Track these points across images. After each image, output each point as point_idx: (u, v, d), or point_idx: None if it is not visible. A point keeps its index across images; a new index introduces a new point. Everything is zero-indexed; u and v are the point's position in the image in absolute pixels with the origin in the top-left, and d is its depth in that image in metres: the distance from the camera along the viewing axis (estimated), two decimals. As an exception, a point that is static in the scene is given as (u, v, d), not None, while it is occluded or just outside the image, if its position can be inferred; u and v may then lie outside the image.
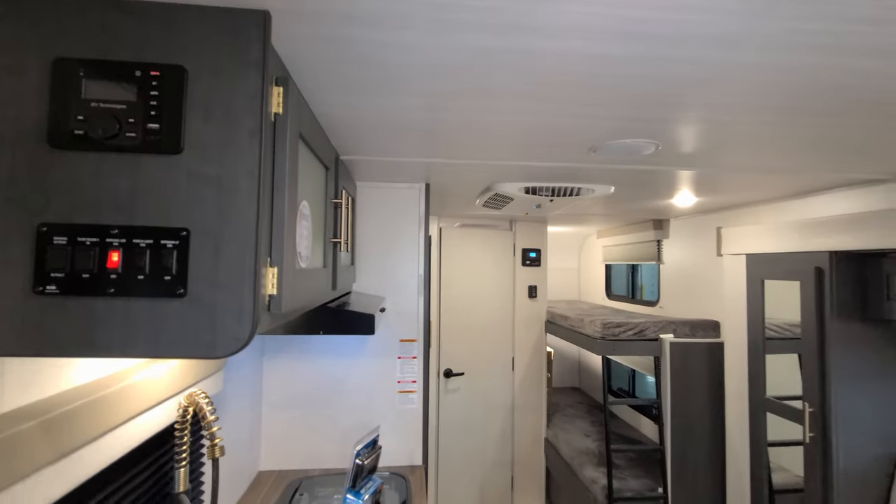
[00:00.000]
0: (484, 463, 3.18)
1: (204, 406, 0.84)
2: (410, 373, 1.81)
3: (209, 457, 0.83)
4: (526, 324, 3.33)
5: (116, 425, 0.77)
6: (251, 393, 1.64)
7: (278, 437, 1.73)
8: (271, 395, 1.74)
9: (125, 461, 0.84)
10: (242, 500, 1.50)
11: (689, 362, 2.44)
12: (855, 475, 1.80)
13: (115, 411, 0.77)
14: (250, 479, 1.63)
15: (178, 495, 0.90)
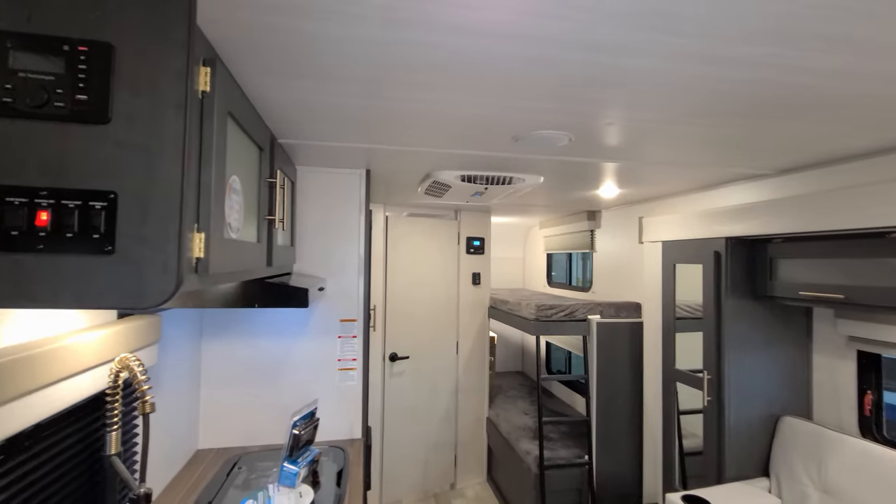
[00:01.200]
0: (428, 443, 3.31)
1: (135, 367, 0.89)
2: (351, 351, 1.89)
3: (140, 412, 0.87)
4: (470, 309, 3.48)
5: (45, 385, 0.81)
6: (189, 372, 1.66)
7: (217, 416, 1.76)
8: (210, 374, 1.76)
9: (57, 422, 0.88)
10: (179, 477, 1.52)
11: (614, 340, 2.67)
12: (743, 432, 2.07)
13: (45, 371, 0.80)
14: (188, 456, 1.65)
15: (110, 457, 0.93)
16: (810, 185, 1.80)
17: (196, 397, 1.72)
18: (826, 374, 2.07)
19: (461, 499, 3.25)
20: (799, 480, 1.93)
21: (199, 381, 1.75)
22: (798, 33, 0.77)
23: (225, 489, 1.45)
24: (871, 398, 1.93)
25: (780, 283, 1.94)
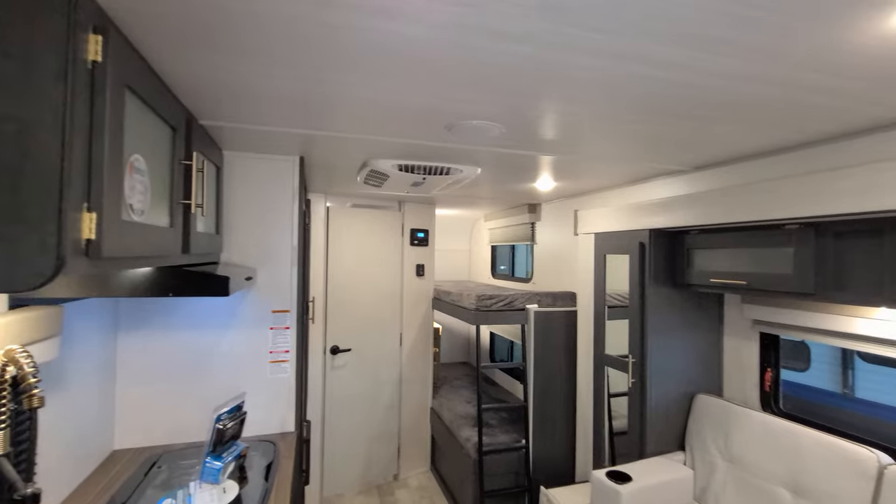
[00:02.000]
0: (371, 435, 3.30)
1: (22, 360, 0.81)
2: (283, 343, 1.84)
3: (26, 406, 0.80)
4: (414, 301, 3.49)
5: None
6: (101, 367, 1.55)
7: (136, 414, 1.65)
8: (128, 369, 1.65)
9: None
10: (90, 479, 1.42)
11: (550, 328, 2.78)
12: (662, 411, 2.23)
13: None
14: (101, 457, 1.54)
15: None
16: (721, 181, 1.95)
17: (110, 394, 1.60)
18: (734, 354, 2.27)
19: (404, 489, 3.27)
20: (709, 452, 2.11)
21: (115, 377, 1.63)
22: (691, 35, 0.83)
23: (142, 490, 1.37)
24: (770, 375, 2.14)
25: (696, 271, 2.10)
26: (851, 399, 4.14)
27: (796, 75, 1.00)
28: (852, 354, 4.39)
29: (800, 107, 1.22)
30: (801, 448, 1.76)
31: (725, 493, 1.98)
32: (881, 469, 1.54)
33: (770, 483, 1.83)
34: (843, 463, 1.62)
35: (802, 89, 1.09)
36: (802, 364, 4.12)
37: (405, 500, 3.12)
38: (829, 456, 1.67)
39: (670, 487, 2.01)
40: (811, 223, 1.61)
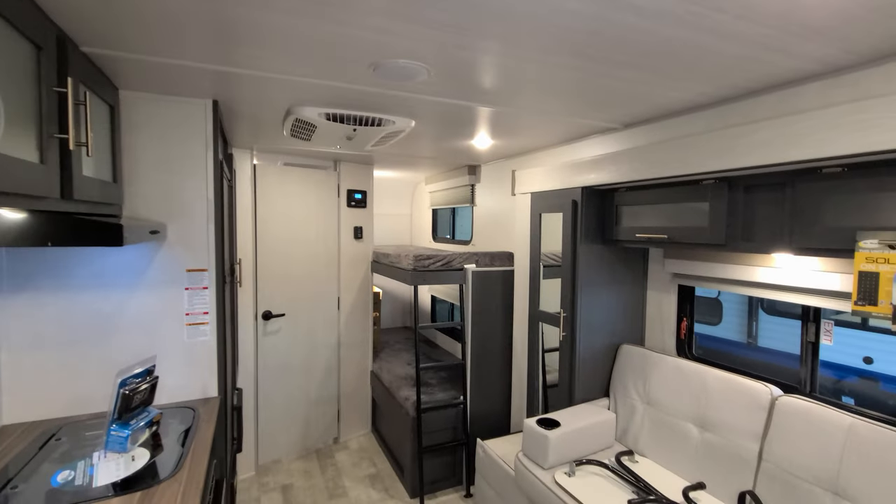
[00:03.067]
0: (309, 400, 3.24)
1: None
2: (201, 304, 1.71)
3: None
4: (352, 264, 3.39)
5: None
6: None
7: (28, 384, 1.48)
8: (14, 336, 1.46)
9: None
10: (-29, 457, 1.26)
11: (488, 288, 2.81)
12: (590, 361, 2.34)
13: None
14: (-16, 434, 1.38)
15: None
16: (647, 139, 2.01)
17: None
18: (656, 307, 2.42)
19: (344, 451, 3.27)
20: (629, 396, 2.26)
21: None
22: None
23: (35, 464, 1.24)
24: (685, 324, 2.30)
25: (623, 228, 2.18)
26: (754, 347, 4.62)
27: (700, 11, 1.00)
28: (757, 309, 4.87)
29: (710, 54, 1.24)
30: (707, 386, 1.92)
31: (643, 431, 2.14)
32: (773, 400, 1.71)
33: (681, 420, 1.99)
34: (742, 397, 1.79)
35: (709, 32, 1.10)
36: (716, 319, 4.51)
37: (345, 461, 3.13)
38: (730, 391, 1.83)
39: (595, 430, 2.15)
40: (725, 178, 1.70)
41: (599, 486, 1.83)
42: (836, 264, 1.59)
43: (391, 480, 2.90)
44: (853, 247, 1.33)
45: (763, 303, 4.73)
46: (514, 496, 2.19)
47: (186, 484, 1.15)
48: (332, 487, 2.81)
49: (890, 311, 1.24)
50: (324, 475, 2.95)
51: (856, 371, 3.71)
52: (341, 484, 2.85)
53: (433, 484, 2.75)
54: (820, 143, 1.32)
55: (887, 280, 1.25)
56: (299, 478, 2.91)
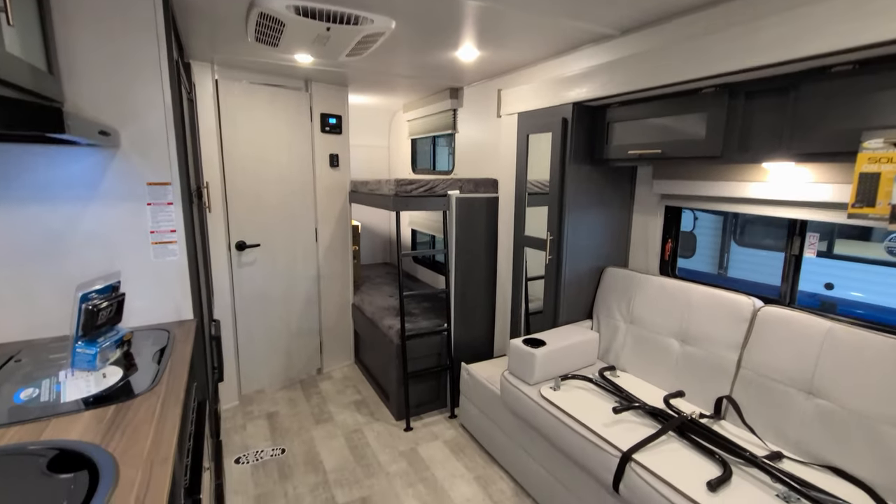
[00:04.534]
0: (290, 332, 3.19)
1: None
2: (167, 221, 1.57)
3: None
4: (329, 193, 3.24)
5: None
6: None
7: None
8: (-48, 254, 1.31)
9: None
10: (-79, 380, 1.15)
11: (472, 215, 2.73)
12: (574, 284, 2.34)
13: None
14: (-65, 357, 1.26)
15: None
16: (645, 45, 1.88)
17: (-68, 284, 1.28)
18: (641, 229, 2.40)
19: (328, 381, 3.30)
20: (613, 317, 2.29)
21: (-65, 264, 1.29)
22: None
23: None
24: (670, 246, 2.31)
25: (614, 146, 2.10)
26: (725, 278, 4.79)
27: None
28: (729, 241, 5.00)
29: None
30: (691, 302, 1.95)
31: (625, 349, 2.19)
32: (755, 311, 1.75)
33: (663, 336, 2.03)
34: (725, 310, 1.82)
35: None
36: (689, 252, 4.62)
37: (329, 390, 3.15)
38: (714, 305, 1.86)
39: (578, 348, 2.18)
40: (726, 84, 1.61)
41: (584, 398, 1.88)
42: (830, 174, 1.57)
43: (376, 405, 2.95)
44: (856, 149, 1.29)
45: (735, 234, 4.85)
46: (499, 412, 2.25)
47: (165, 396, 1.08)
48: (318, 413, 2.84)
49: (887, 212, 1.22)
50: (309, 402, 2.97)
51: (818, 297, 3.91)
52: (327, 410, 2.88)
53: (418, 407, 2.81)
54: (837, 35, 1.23)
55: (888, 180, 1.22)
56: (284, 406, 2.93)
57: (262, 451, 2.44)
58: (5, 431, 0.92)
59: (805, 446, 1.51)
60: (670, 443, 1.57)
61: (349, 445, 2.51)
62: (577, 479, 1.76)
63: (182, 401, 1.07)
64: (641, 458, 1.47)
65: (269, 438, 2.57)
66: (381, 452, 2.45)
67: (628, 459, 1.49)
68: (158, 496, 0.76)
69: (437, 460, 2.38)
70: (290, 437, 2.59)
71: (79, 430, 0.94)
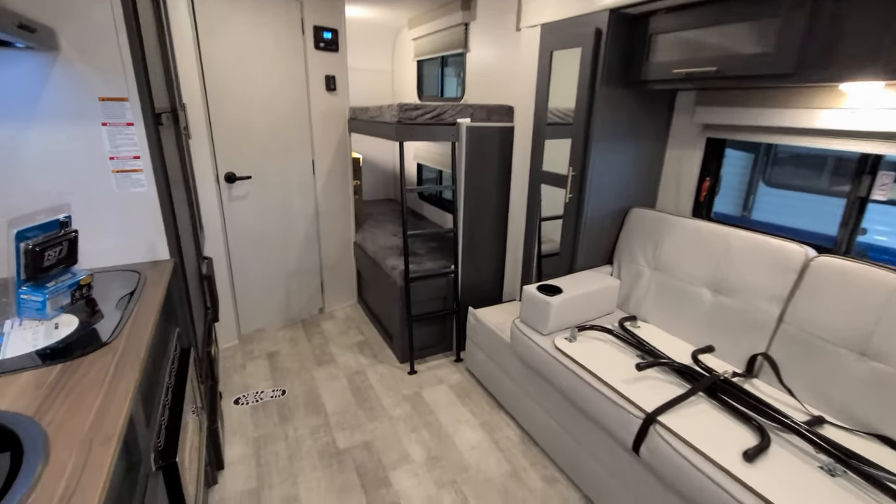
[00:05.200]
0: (289, 271, 3.05)
1: None
2: (129, 145, 1.33)
3: None
4: (325, 121, 2.93)
5: None
6: None
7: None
8: None
9: None
10: None
11: (484, 146, 2.45)
12: (596, 225, 2.12)
13: None
14: None
15: None
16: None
17: None
18: (674, 165, 2.13)
19: (331, 321, 3.20)
20: (636, 262, 2.09)
21: None
22: None
23: (-68, 334, 0.98)
24: (708, 184, 2.05)
25: (655, 64, 1.77)
26: (748, 220, 4.54)
27: None
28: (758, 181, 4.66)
29: None
30: (731, 248, 1.73)
31: (648, 297, 2.01)
32: (807, 261, 1.53)
33: (693, 285, 1.84)
34: (771, 258, 1.60)
35: None
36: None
37: (332, 330, 3.06)
38: (758, 252, 1.65)
39: (597, 296, 2.01)
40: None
41: (602, 351, 1.73)
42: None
43: (380, 347, 2.86)
44: None
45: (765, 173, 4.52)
46: (508, 360, 2.13)
47: (123, 353, 0.92)
48: (320, 354, 2.76)
49: None
50: (310, 343, 2.89)
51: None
52: (328, 351, 2.80)
53: (422, 350, 2.71)
54: None
55: None
56: (285, 345, 2.85)
57: (262, 392, 2.38)
58: (-76, 396, 0.77)
59: (850, 411, 1.36)
60: (700, 404, 1.42)
61: (351, 388, 2.44)
62: (590, 433, 1.65)
63: (142, 359, 0.90)
64: (668, 421, 1.33)
65: (269, 379, 2.50)
66: (384, 395, 2.37)
67: (653, 421, 1.35)
68: (92, 486, 0.60)
69: (442, 405, 2.30)
70: (290, 377, 2.51)
71: (13, 394, 0.78)
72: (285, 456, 1.95)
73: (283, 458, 1.94)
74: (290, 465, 1.90)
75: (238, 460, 1.92)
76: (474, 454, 1.98)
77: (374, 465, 1.91)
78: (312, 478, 1.84)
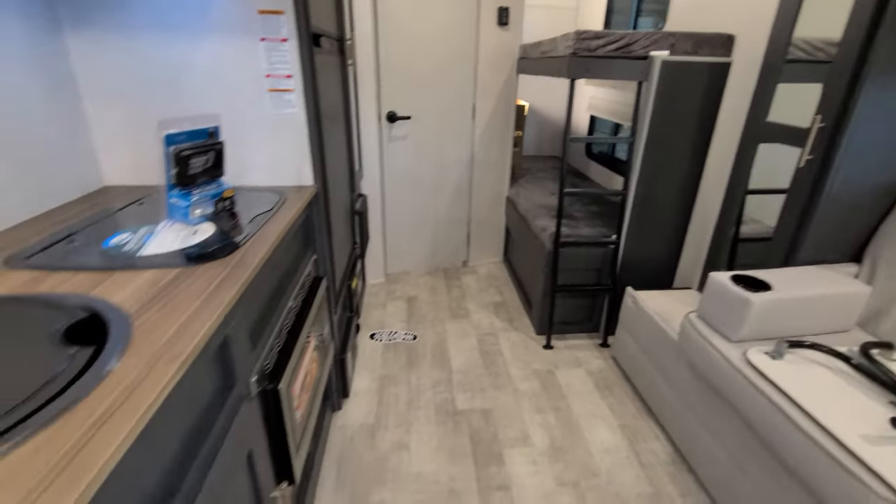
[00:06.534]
0: (437, 219, 2.99)
1: None
2: (282, 64, 1.30)
3: None
4: (492, 61, 2.69)
5: None
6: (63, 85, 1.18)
7: (118, 144, 1.34)
8: (92, 85, 1.27)
9: None
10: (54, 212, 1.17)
11: (682, 88, 1.92)
12: (843, 204, 1.47)
13: None
14: (82, 191, 1.30)
15: None
16: None
17: (75, 113, 1.27)
18: None
19: (472, 275, 3.09)
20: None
21: (79, 94, 1.27)
22: None
23: (105, 225, 1.09)
24: None
25: None
26: None
27: None
28: None
29: None
30: None
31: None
32: None
33: None
34: None
35: None
36: None
37: (471, 285, 2.95)
38: None
39: (826, 303, 1.41)
40: None
41: (826, 382, 1.20)
42: None
43: (517, 313, 2.65)
44: None
45: None
46: (670, 360, 1.70)
47: (233, 269, 0.87)
48: (456, 308, 2.68)
49: None
50: (449, 294, 2.83)
51: None
52: (464, 306, 2.70)
53: (564, 325, 2.40)
54: None
55: None
56: (425, 292, 2.85)
57: (395, 333, 2.41)
58: (71, 276, 0.82)
59: None
60: None
61: (481, 349, 2.30)
62: (788, 492, 1.18)
63: (245, 280, 0.84)
64: (947, 524, 0.82)
65: (404, 321, 2.52)
66: (512, 365, 2.18)
67: (915, 516, 0.85)
68: (136, 406, 0.52)
69: (577, 392, 2.00)
70: (424, 325, 2.49)
71: (130, 290, 0.78)
72: (405, 401, 1.93)
73: (403, 402, 1.92)
74: (406, 411, 1.87)
75: (363, 392, 1.97)
76: (607, 459, 1.66)
77: (490, 438, 1.75)
78: (425, 431, 1.77)
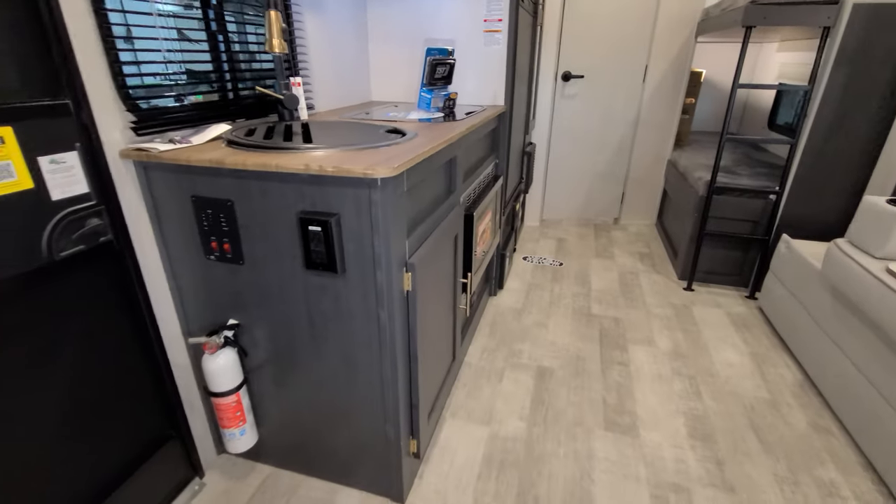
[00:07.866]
0: (595, 173, 3.27)
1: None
2: (497, 10, 1.81)
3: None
4: (670, 23, 2.84)
5: None
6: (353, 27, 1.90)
7: (383, 69, 2.03)
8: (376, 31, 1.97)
9: None
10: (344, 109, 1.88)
11: (876, 38, 1.88)
12: None
13: None
14: (361, 100, 2.01)
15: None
16: None
17: (364, 51, 1.98)
18: None
19: (621, 231, 3.30)
20: None
21: (367, 37, 1.98)
22: None
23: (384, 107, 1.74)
24: None
25: None
26: None
27: None
28: None
29: None
30: None
31: None
32: None
33: None
34: None
35: None
36: None
37: (620, 238, 3.17)
38: None
39: None
40: None
41: (972, 289, 1.23)
42: None
43: (661, 260, 2.80)
44: None
45: None
46: (813, 290, 1.76)
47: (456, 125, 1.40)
48: (601, 251, 2.96)
49: None
50: (596, 241, 3.11)
51: None
52: (610, 250, 2.96)
53: (709, 274, 2.50)
54: None
55: None
56: (574, 238, 3.18)
57: (544, 259, 2.81)
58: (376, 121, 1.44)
59: None
60: None
61: (620, 281, 2.56)
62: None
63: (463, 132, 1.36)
64: None
65: (553, 254, 2.91)
66: (650, 295, 2.40)
67: None
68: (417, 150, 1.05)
69: (711, 323, 2.14)
70: (570, 258, 2.84)
71: (409, 125, 1.36)
72: (547, 301, 2.33)
73: (546, 301, 2.33)
74: (548, 307, 2.27)
75: (513, 290, 2.43)
76: (729, 371, 1.81)
77: (617, 335, 2.04)
78: (562, 320, 2.15)
